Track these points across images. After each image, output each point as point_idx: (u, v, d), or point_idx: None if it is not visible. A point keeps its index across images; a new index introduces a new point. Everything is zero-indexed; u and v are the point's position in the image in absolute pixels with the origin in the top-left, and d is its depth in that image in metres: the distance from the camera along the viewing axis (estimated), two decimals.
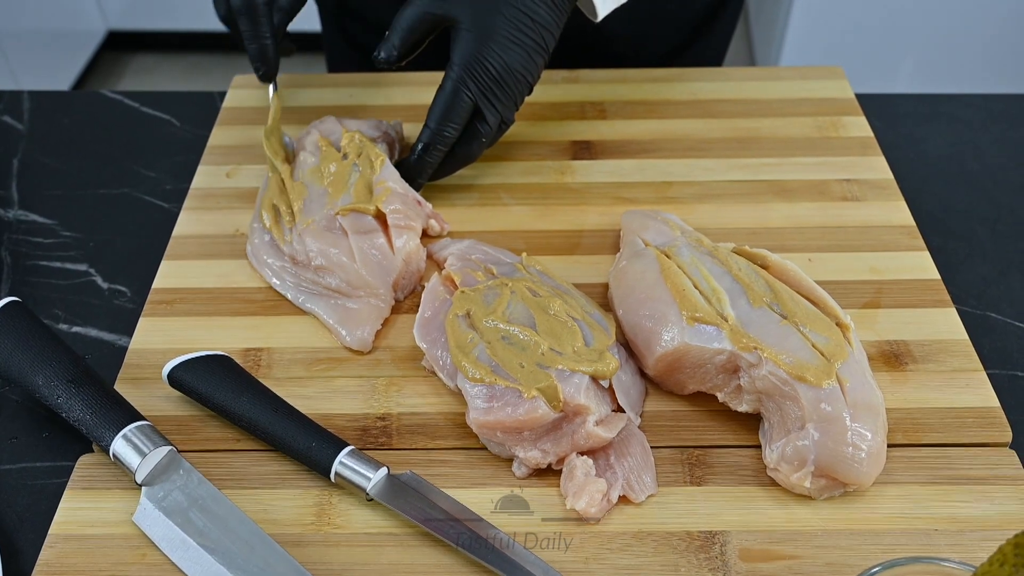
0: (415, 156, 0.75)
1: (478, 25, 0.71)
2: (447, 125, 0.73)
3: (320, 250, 0.69)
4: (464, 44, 0.71)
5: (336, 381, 0.65)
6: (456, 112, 0.72)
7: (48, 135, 0.91)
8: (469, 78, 0.71)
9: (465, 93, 0.72)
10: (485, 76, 0.71)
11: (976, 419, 0.61)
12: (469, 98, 0.72)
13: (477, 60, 0.71)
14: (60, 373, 0.60)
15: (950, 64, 2.26)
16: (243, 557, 0.54)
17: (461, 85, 0.72)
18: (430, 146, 0.74)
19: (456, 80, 0.72)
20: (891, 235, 0.76)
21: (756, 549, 0.55)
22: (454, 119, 0.73)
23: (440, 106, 0.73)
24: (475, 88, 0.72)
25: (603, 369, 0.59)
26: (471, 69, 0.71)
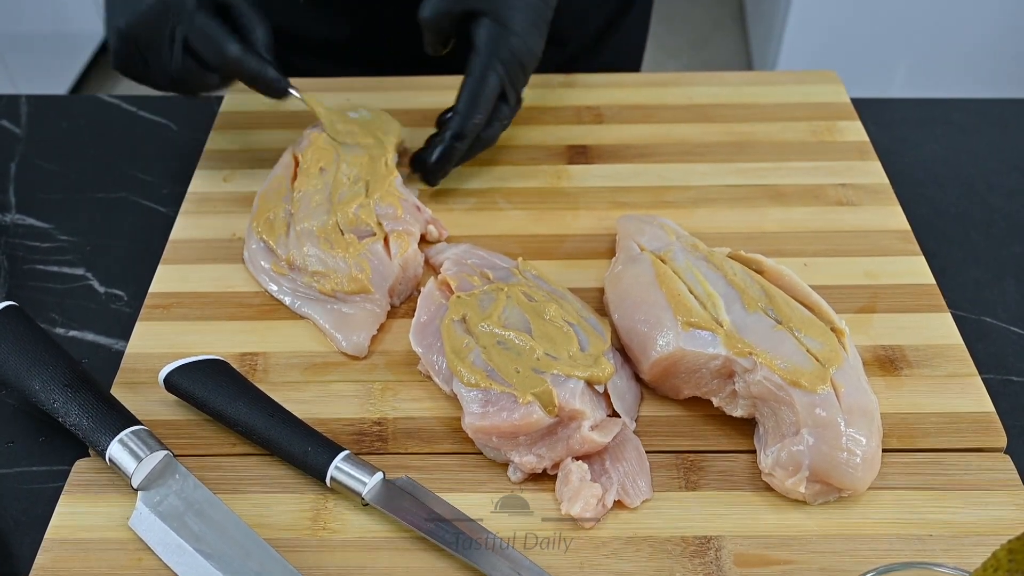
0: (444, 145, 0.76)
1: (500, 13, 0.73)
2: (479, 111, 0.74)
3: (317, 255, 0.69)
4: (488, 31, 0.73)
5: (332, 386, 0.65)
6: (486, 98, 0.74)
7: (45, 139, 0.91)
8: (499, 62, 0.73)
9: (495, 77, 0.73)
10: (512, 59, 0.73)
11: (971, 424, 0.62)
12: (499, 82, 0.74)
13: (503, 44, 0.73)
14: (57, 377, 0.60)
15: (945, 69, 2.26)
16: (239, 562, 0.54)
17: (491, 71, 0.73)
18: (461, 134, 0.75)
19: (485, 66, 0.73)
20: (886, 240, 0.76)
21: (751, 554, 0.55)
22: (485, 104, 0.74)
23: (471, 93, 0.74)
24: (503, 71, 0.73)
25: (598, 374, 0.59)
26: (499, 53, 0.73)
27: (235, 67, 0.70)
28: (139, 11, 0.68)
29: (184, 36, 0.69)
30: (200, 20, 0.69)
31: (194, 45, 0.69)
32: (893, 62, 2.27)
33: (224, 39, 0.69)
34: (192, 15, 0.68)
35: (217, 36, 0.69)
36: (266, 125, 0.89)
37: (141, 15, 0.68)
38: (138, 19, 0.69)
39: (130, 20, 0.68)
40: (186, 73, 0.71)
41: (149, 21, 0.69)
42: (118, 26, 0.69)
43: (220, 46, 0.69)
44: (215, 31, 0.69)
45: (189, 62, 0.70)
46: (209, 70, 0.71)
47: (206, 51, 0.70)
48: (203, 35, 0.69)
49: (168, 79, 0.71)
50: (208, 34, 0.69)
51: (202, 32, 0.69)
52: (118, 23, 0.69)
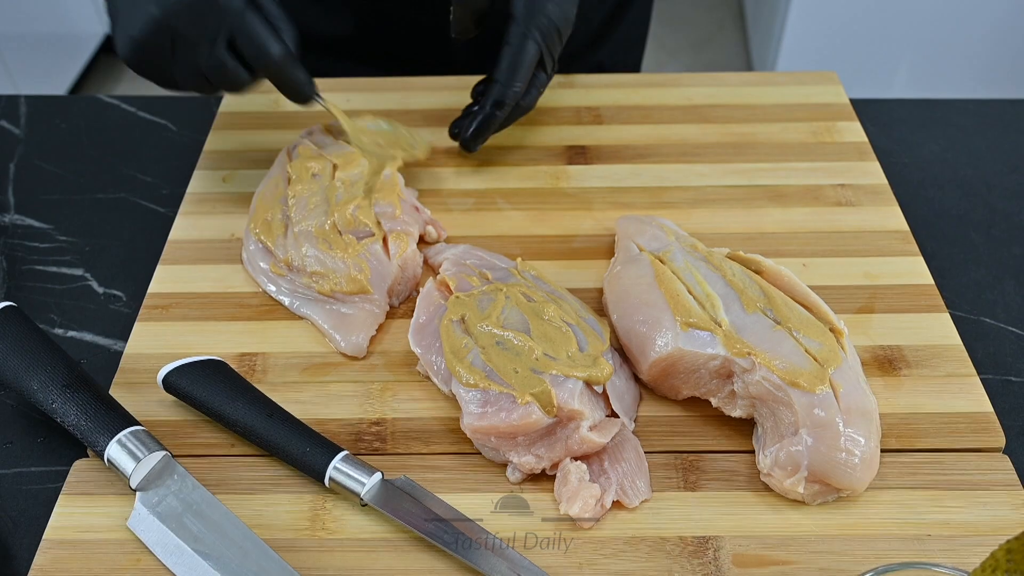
0: (484, 113, 0.76)
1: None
2: (519, 79, 0.74)
3: (315, 256, 0.69)
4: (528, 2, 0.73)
5: (331, 386, 0.65)
6: (526, 65, 0.74)
7: (45, 140, 0.91)
8: (536, 29, 0.73)
9: (533, 45, 0.73)
10: (549, 26, 0.73)
11: (969, 424, 0.62)
12: (537, 50, 0.74)
13: (540, 11, 0.73)
14: (55, 378, 0.60)
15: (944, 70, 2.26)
16: (237, 562, 0.54)
17: (529, 38, 0.73)
18: (501, 102, 0.75)
19: (523, 34, 0.73)
20: (885, 240, 0.76)
21: (749, 554, 0.55)
22: (525, 72, 0.74)
23: (511, 61, 0.74)
24: (540, 39, 0.74)
25: (597, 374, 0.59)
26: (536, 20, 0.73)
27: (274, 67, 0.68)
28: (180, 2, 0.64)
29: (230, 32, 0.66)
30: (249, 19, 0.66)
31: (239, 42, 0.66)
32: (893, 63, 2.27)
33: (269, 39, 0.67)
34: (242, 12, 0.65)
35: (263, 35, 0.66)
36: (265, 126, 0.89)
37: (184, 5, 0.64)
38: (180, 8, 0.64)
39: (168, 8, 0.64)
40: (222, 71, 0.67)
41: (193, 13, 0.65)
42: (151, 12, 0.64)
43: (265, 46, 0.66)
44: (261, 30, 0.66)
45: (229, 58, 0.67)
46: (242, 69, 0.68)
47: (250, 50, 0.67)
48: (250, 33, 0.66)
49: (195, 75, 0.68)
50: (255, 32, 0.66)
51: (250, 30, 0.66)
52: (151, 10, 0.64)
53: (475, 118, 0.77)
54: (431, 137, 0.87)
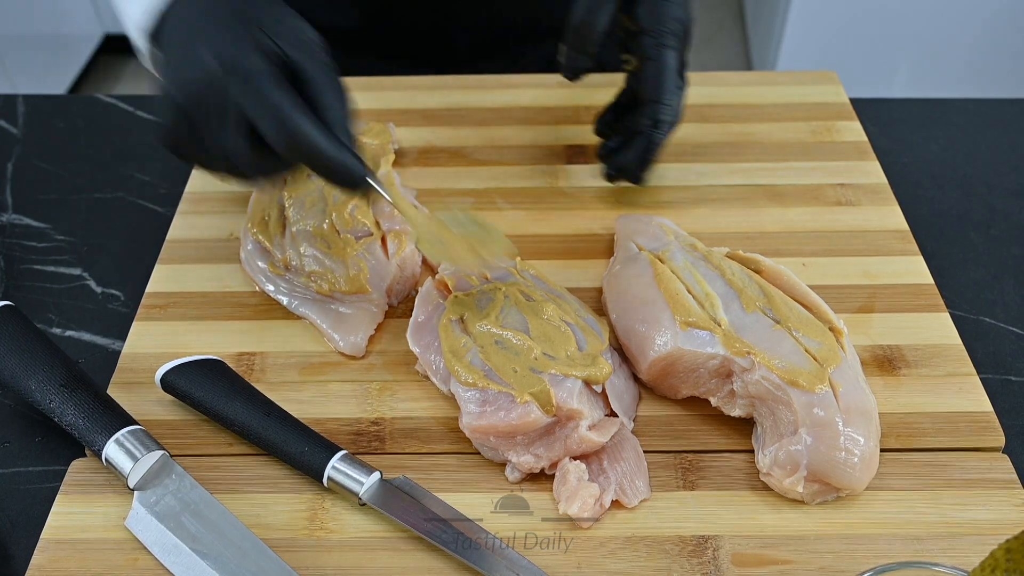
0: (646, 138, 0.71)
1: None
2: (670, 92, 0.70)
3: (314, 255, 0.69)
4: (649, 8, 0.70)
5: (329, 385, 0.65)
6: (673, 76, 0.70)
7: (43, 139, 0.91)
8: (671, 36, 0.70)
9: (672, 53, 0.70)
10: (680, 30, 0.70)
11: (969, 424, 0.62)
12: (677, 57, 0.70)
13: (668, 17, 0.70)
14: (53, 377, 0.60)
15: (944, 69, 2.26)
16: (235, 562, 0.54)
17: (667, 48, 0.70)
18: (660, 121, 0.71)
19: (660, 45, 0.69)
20: (885, 239, 0.76)
21: (749, 554, 0.55)
22: (673, 83, 0.70)
23: (656, 77, 0.70)
24: (677, 45, 0.70)
25: (596, 374, 0.59)
26: (667, 27, 0.70)
27: (308, 154, 0.55)
28: (195, 76, 0.54)
29: (247, 113, 0.54)
30: (270, 93, 0.54)
31: (259, 124, 0.54)
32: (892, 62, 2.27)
33: (298, 118, 0.54)
34: (260, 87, 0.53)
35: (289, 114, 0.54)
36: None
37: (198, 82, 0.54)
38: (195, 87, 0.55)
39: (186, 88, 0.55)
40: (244, 158, 0.56)
41: (207, 89, 0.54)
42: (171, 94, 0.56)
43: (293, 127, 0.54)
44: (287, 108, 0.54)
45: (246, 144, 0.56)
46: (274, 155, 0.56)
47: (272, 132, 0.54)
48: (272, 112, 0.54)
49: (225, 161, 0.57)
50: (279, 111, 0.54)
51: (272, 108, 0.54)
52: (171, 91, 0.56)
53: (635, 147, 0.72)
54: (429, 136, 0.87)
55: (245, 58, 0.54)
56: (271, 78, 0.54)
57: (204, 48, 0.54)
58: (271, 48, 0.55)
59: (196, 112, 0.55)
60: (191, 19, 0.57)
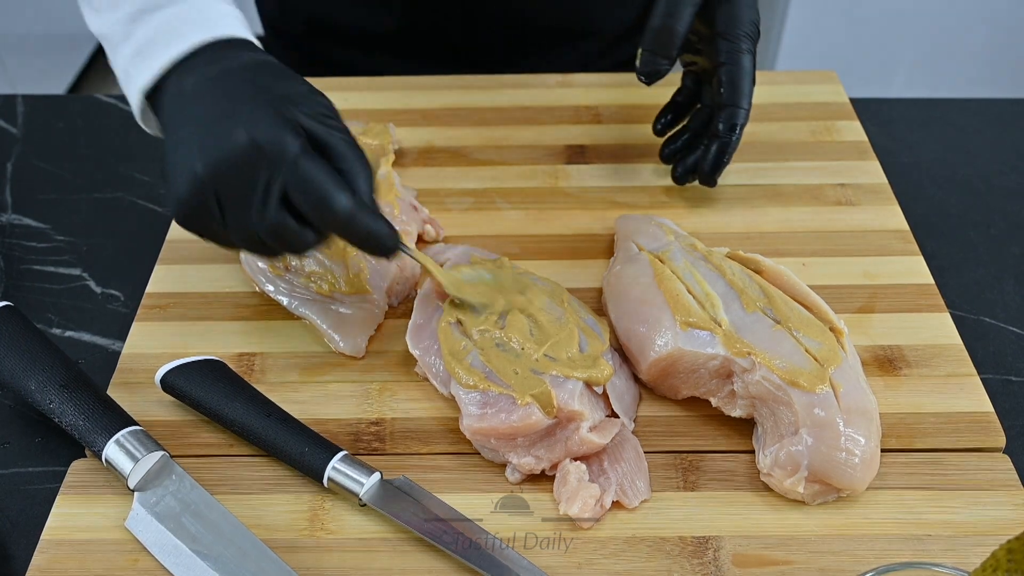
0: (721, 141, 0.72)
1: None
2: (747, 95, 0.72)
3: (314, 256, 0.69)
4: (724, 11, 0.71)
5: (329, 386, 0.65)
6: (749, 80, 0.72)
7: (42, 139, 0.91)
8: (746, 39, 0.71)
9: (748, 57, 0.71)
10: (753, 33, 0.71)
11: (970, 424, 0.61)
12: (752, 61, 0.72)
13: (742, 20, 0.71)
14: (53, 378, 0.60)
15: (944, 69, 2.26)
16: (236, 562, 0.54)
17: (743, 52, 0.71)
18: (736, 124, 0.72)
19: (736, 49, 0.71)
20: (885, 239, 0.76)
21: (749, 554, 0.55)
22: (750, 87, 0.72)
23: (733, 80, 0.71)
24: (751, 48, 0.71)
25: (597, 375, 0.59)
26: (742, 30, 0.71)
27: (344, 224, 0.55)
28: (226, 154, 0.53)
29: (283, 187, 0.54)
30: (305, 167, 0.53)
31: (295, 198, 0.54)
32: (893, 62, 2.27)
33: (334, 191, 0.54)
34: (296, 161, 0.53)
35: (325, 187, 0.54)
36: None
37: (228, 159, 0.53)
38: (224, 163, 0.53)
39: (213, 163, 0.53)
40: (281, 233, 0.55)
41: (239, 166, 0.53)
42: (195, 170, 0.54)
43: (329, 199, 0.54)
44: (324, 181, 0.54)
45: (285, 217, 0.55)
46: (307, 226, 0.56)
47: (309, 205, 0.54)
48: (309, 186, 0.54)
49: (249, 236, 0.56)
50: (315, 185, 0.54)
51: (308, 182, 0.54)
52: (194, 167, 0.54)
53: (711, 150, 0.73)
54: (429, 136, 0.87)
55: (278, 135, 0.53)
56: (305, 153, 0.54)
57: (235, 126, 0.54)
58: (298, 123, 0.55)
59: (225, 187, 0.54)
60: (212, 95, 0.57)
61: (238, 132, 0.53)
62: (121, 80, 0.63)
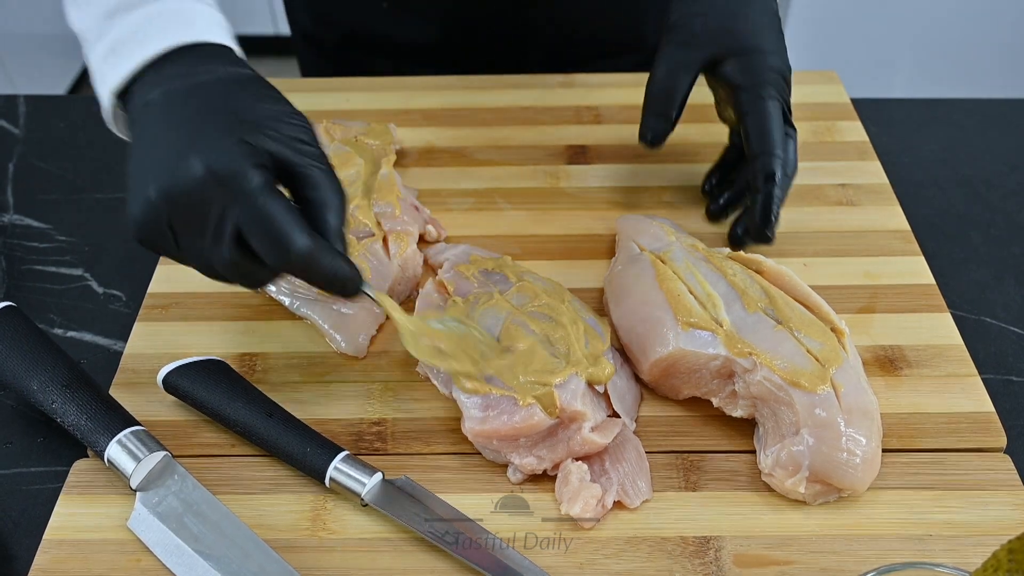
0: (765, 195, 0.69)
1: (746, 43, 0.70)
2: (776, 143, 0.69)
3: None
4: (740, 64, 0.69)
5: (331, 386, 0.65)
6: (776, 127, 0.69)
7: (44, 139, 0.91)
8: (768, 86, 0.69)
9: (774, 104, 0.69)
10: (777, 80, 0.70)
11: (971, 424, 0.62)
12: (779, 106, 0.70)
13: (762, 68, 0.69)
14: (55, 378, 0.60)
15: (945, 69, 2.26)
16: (238, 562, 0.54)
17: (765, 99, 0.69)
18: (773, 173, 0.69)
19: (757, 97, 0.69)
20: (886, 240, 0.76)
21: (751, 554, 0.55)
22: (778, 134, 0.69)
23: (759, 130, 0.69)
24: (776, 94, 0.69)
25: (599, 374, 0.59)
26: (764, 78, 0.69)
27: (302, 266, 0.52)
28: (179, 182, 0.50)
29: (237, 223, 0.51)
30: (262, 204, 0.51)
31: (249, 236, 0.51)
32: (894, 63, 2.27)
33: (292, 229, 0.51)
34: (254, 195, 0.50)
35: (283, 227, 0.51)
36: None
37: (182, 187, 0.51)
38: (176, 192, 0.51)
39: (165, 190, 0.51)
40: (228, 266, 0.53)
41: (192, 196, 0.51)
42: (148, 194, 0.52)
43: (285, 240, 0.51)
44: (282, 220, 0.51)
45: (239, 254, 0.52)
46: (260, 263, 0.53)
47: (265, 245, 0.51)
48: (265, 225, 0.51)
49: (203, 265, 0.55)
50: (272, 224, 0.51)
51: (264, 221, 0.51)
52: (147, 189, 0.52)
53: (755, 205, 0.70)
54: (431, 137, 0.87)
55: (237, 167, 0.50)
56: (264, 189, 0.51)
57: (192, 152, 0.51)
58: (264, 149, 0.52)
59: (177, 216, 0.52)
60: (176, 114, 0.53)
61: (195, 161, 0.50)
62: (94, 80, 0.59)
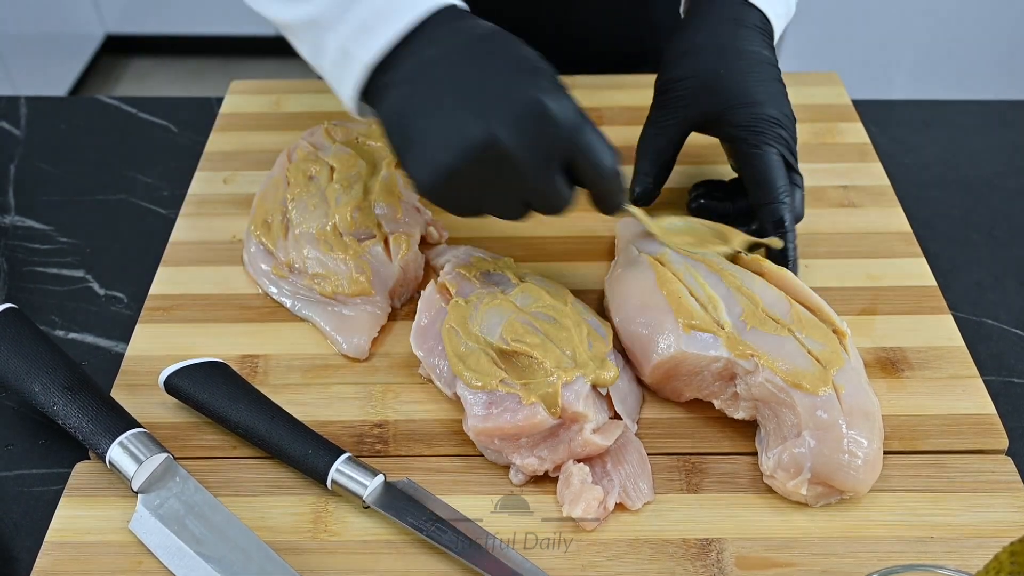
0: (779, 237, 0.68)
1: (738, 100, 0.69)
2: (780, 192, 0.68)
3: (316, 258, 0.69)
4: (739, 118, 0.69)
5: (333, 388, 0.65)
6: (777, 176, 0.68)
7: (45, 141, 0.91)
8: (773, 139, 0.68)
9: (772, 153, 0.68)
10: (776, 130, 0.69)
11: (972, 426, 0.62)
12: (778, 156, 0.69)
13: (763, 119, 0.68)
14: (56, 380, 0.60)
15: (946, 70, 2.26)
16: (239, 565, 0.54)
17: (770, 145, 0.68)
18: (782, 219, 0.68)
19: (763, 143, 0.68)
20: (887, 241, 0.76)
21: (752, 556, 0.55)
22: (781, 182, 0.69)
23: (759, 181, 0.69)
24: (774, 143, 0.68)
25: (603, 377, 0.59)
26: (765, 129, 0.68)
27: (608, 183, 0.58)
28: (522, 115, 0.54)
29: (570, 151, 0.56)
30: (589, 132, 0.56)
31: (578, 161, 0.56)
32: (895, 64, 2.27)
33: (607, 152, 0.57)
34: (582, 127, 0.55)
35: (602, 150, 0.57)
36: (266, 127, 0.89)
37: (517, 125, 0.54)
38: (512, 129, 0.54)
39: (496, 128, 0.54)
40: (552, 194, 0.58)
41: (530, 133, 0.54)
42: (476, 137, 0.54)
43: (604, 161, 0.57)
44: (600, 144, 0.57)
45: (561, 182, 0.57)
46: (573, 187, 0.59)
47: (587, 167, 0.57)
48: (590, 149, 0.56)
49: (514, 203, 0.59)
50: (595, 148, 0.56)
51: (590, 146, 0.56)
52: (473, 132, 0.54)
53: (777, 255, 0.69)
54: None
55: (567, 101, 0.55)
56: (587, 120, 0.56)
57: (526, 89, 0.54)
58: None
59: (512, 151, 0.54)
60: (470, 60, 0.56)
61: (525, 94, 0.54)
62: (330, 67, 0.61)
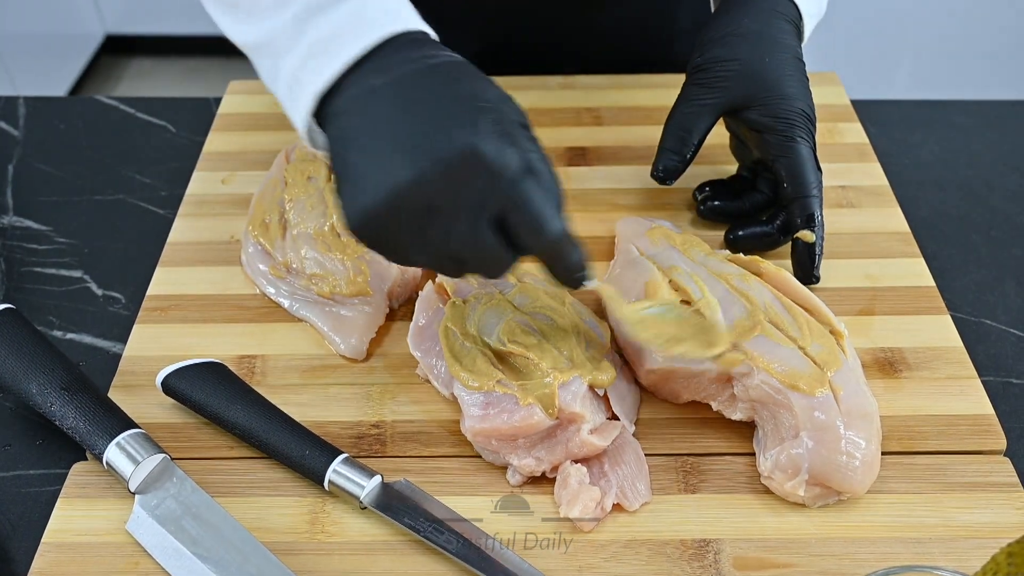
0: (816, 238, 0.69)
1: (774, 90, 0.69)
2: (812, 185, 0.69)
3: (314, 258, 0.69)
4: (774, 109, 0.69)
5: (330, 389, 0.65)
6: (810, 169, 0.69)
7: (43, 141, 0.91)
8: (802, 129, 0.69)
9: (804, 147, 0.69)
10: (806, 121, 0.69)
11: (970, 426, 0.62)
12: (809, 149, 0.70)
13: (794, 111, 0.69)
14: (54, 380, 0.60)
15: (945, 70, 2.26)
16: (236, 565, 0.54)
17: (802, 139, 0.69)
18: (812, 215, 0.69)
19: (797, 137, 0.69)
20: (886, 242, 0.76)
21: (750, 557, 0.55)
22: (813, 175, 0.69)
23: (794, 174, 0.69)
24: (806, 136, 0.69)
25: (601, 377, 0.59)
26: (796, 123, 0.69)
27: (553, 250, 0.52)
28: (444, 160, 0.48)
29: (501, 205, 0.50)
30: (528, 187, 0.50)
31: (512, 218, 0.50)
32: (894, 64, 2.27)
33: (552, 213, 0.51)
34: (517, 180, 0.49)
35: (544, 209, 0.50)
36: (264, 127, 0.89)
37: (447, 166, 0.48)
38: (440, 171, 0.49)
39: (427, 169, 0.48)
40: (483, 252, 0.52)
41: (457, 176, 0.49)
42: (399, 176, 0.49)
43: (544, 223, 0.50)
44: (542, 202, 0.50)
45: (491, 238, 0.51)
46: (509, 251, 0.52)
47: (524, 227, 0.51)
48: (528, 206, 0.50)
49: (442, 257, 0.53)
50: (535, 206, 0.50)
51: (528, 203, 0.50)
52: (399, 174, 0.49)
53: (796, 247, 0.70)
54: None
55: (502, 148, 0.49)
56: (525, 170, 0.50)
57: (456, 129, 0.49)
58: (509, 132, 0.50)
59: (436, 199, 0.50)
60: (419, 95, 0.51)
61: (460, 138, 0.48)
62: (284, 91, 0.56)
